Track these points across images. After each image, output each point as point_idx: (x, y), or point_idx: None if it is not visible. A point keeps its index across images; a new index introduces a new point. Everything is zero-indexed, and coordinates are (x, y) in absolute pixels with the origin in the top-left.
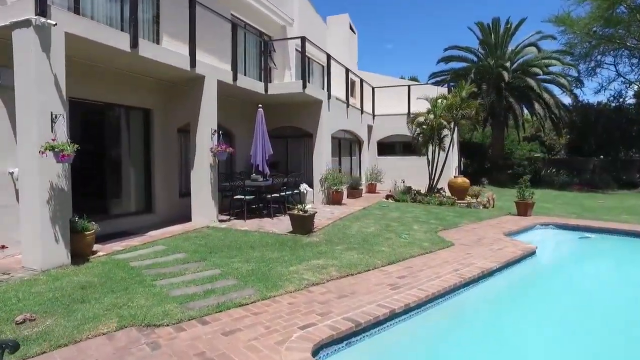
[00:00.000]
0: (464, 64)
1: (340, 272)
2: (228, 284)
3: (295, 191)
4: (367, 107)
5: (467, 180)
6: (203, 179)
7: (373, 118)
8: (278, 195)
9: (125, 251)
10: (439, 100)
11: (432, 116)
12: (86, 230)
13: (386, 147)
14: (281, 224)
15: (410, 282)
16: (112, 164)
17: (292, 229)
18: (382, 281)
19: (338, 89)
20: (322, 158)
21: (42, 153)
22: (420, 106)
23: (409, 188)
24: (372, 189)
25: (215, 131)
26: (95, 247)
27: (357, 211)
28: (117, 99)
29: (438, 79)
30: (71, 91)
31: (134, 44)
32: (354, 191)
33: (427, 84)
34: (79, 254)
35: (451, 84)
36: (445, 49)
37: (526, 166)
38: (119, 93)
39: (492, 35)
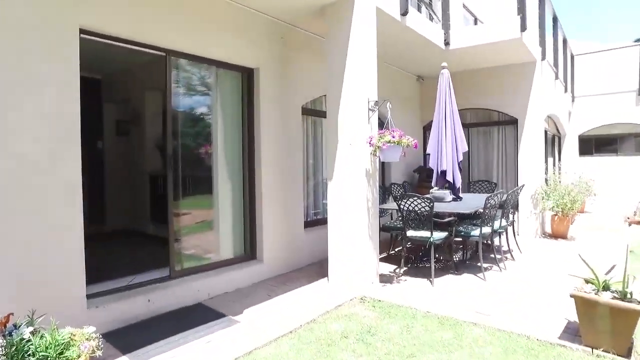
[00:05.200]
0: None
1: None
2: None
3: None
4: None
5: None
6: (350, 198)
7: (572, 100)
8: (490, 230)
9: None
10: None
11: None
12: None
13: (591, 144)
14: (505, 295)
15: None
16: (180, 170)
17: (579, 331)
18: None
19: None
20: (534, 159)
21: None
22: None
23: None
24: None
25: (376, 104)
26: None
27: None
28: (191, 47)
29: None
30: (82, 17)
31: None
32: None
33: None
34: None
35: None
36: None
37: None
38: (194, 35)
39: None
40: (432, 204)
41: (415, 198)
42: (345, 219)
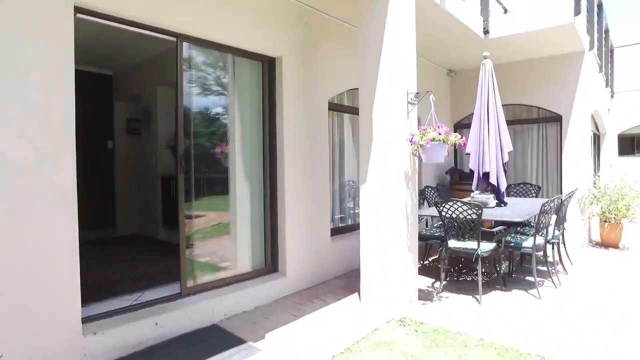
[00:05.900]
0: None
1: None
2: None
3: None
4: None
5: None
6: (387, 204)
7: (612, 96)
8: (544, 240)
9: None
10: None
11: None
12: None
13: (632, 143)
14: (568, 317)
15: None
16: (193, 170)
17: None
18: None
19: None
20: (580, 160)
21: None
22: None
23: None
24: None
25: (417, 97)
26: None
27: None
28: (205, 31)
29: None
30: None
31: None
32: None
33: None
34: None
35: None
36: None
37: None
38: (209, 17)
39: None
40: (480, 211)
41: (460, 204)
42: (380, 228)
